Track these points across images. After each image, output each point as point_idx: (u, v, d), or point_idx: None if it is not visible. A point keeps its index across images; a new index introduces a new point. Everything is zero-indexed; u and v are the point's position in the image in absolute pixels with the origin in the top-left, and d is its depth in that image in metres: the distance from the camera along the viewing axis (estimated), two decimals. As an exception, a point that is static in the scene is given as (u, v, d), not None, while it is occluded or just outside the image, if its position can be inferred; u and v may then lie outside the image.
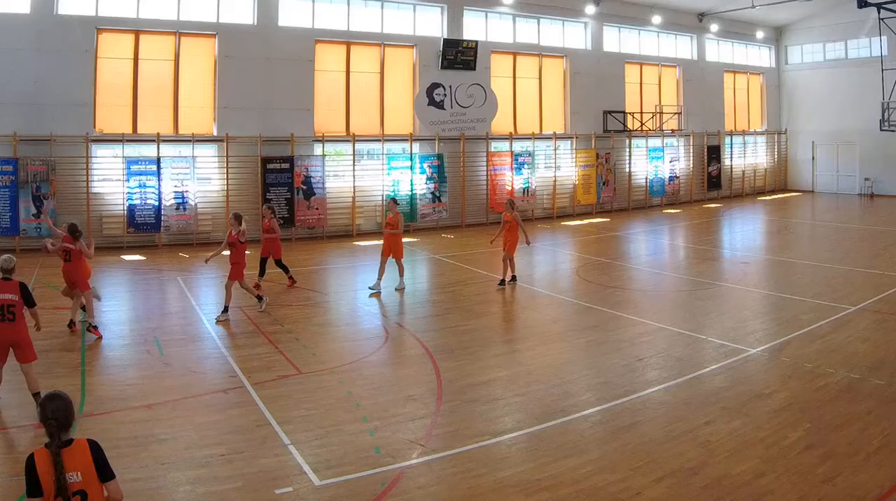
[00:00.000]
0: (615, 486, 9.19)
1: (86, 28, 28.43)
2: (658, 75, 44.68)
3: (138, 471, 9.45)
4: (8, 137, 27.10)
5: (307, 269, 25.41)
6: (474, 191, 36.65)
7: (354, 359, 14.79)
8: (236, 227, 18.11)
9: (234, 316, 18.28)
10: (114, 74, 29.37)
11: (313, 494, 9.09)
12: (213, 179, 30.94)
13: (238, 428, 11.09)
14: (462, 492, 9.16)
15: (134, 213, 29.05)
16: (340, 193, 33.17)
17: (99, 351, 15.24)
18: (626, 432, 10.87)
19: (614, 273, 24.56)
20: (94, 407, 11.78)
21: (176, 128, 30.45)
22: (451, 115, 35.97)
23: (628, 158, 42.64)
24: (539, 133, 39.15)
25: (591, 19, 40.86)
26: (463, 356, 14.88)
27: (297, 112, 32.20)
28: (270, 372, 13.75)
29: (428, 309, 19.67)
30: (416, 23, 35.70)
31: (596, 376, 13.53)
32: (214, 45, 30.96)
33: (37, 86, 27.55)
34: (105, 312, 18.57)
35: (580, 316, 18.37)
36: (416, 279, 24.43)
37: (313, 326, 17.74)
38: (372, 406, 12.06)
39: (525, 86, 39.34)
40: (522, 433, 10.95)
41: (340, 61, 33.98)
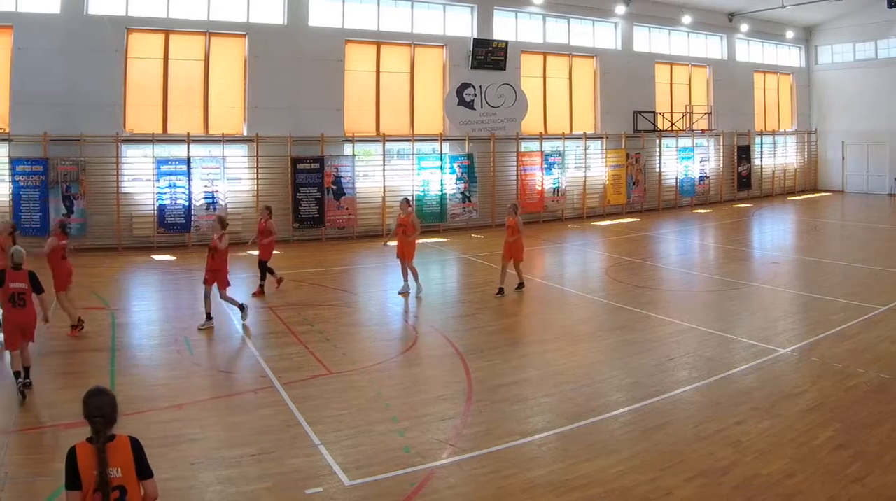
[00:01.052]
0: (645, 486, 9.01)
1: (116, 28, 27.55)
2: (688, 75, 43.22)
3: (168, 471, 9.17)
4: (38, 137, 26.21)
5: (337, 269, 24.78)
6: (504, 191, 35.32)
7: (384, 359, 14.50)
8: (218, 231, 16.83)
9: (264, 316, 17.90)
10: (144, 74, 28.47)
11: (343, 494, 8.91)
12: (244, 179, 30.05)
13: (268, 428, 10.85)
14: (492, 492, 8.99)
15: (164, 213, 28.16)
16: (370, 193, 32.15)
17: (129, 351, 14.91)
18: (657, 432, 10.66)
19: (644, 273, 23.92)
20: (123, 407, 11.02)
21: (206, 128, 29.53)
22: (481, 115, 34.82)
23: (658, 158, 41.21)
24: (569, 133, 37.89)
25: (622, 19, 39.54)
26: (493, 356, 14.54)
27: (327, 112, 31.17)
28: (300, 372, 13.43)
29: (458, 309, 19.18)
30: (445, 23, 34.58)
31: (626, 376, 13.26)
32: (244, 45, 29.99)
33: (67, 87, 26.65)
34: (135, 312, 18.35)
35: (610, 316, 17.95)
36: (446, 279, 24.28)
37: (343, 326, 17.22)
38: (402, 406, 11.86)
39: (555, 87, 38.06)
40: (552, 433, 10.73)
41: (370, 61, 32.90)
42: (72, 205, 26.69)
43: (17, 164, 26.07)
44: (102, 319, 17.31)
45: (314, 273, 23.71)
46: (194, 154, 28.61)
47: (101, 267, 24.08)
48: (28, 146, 26.27)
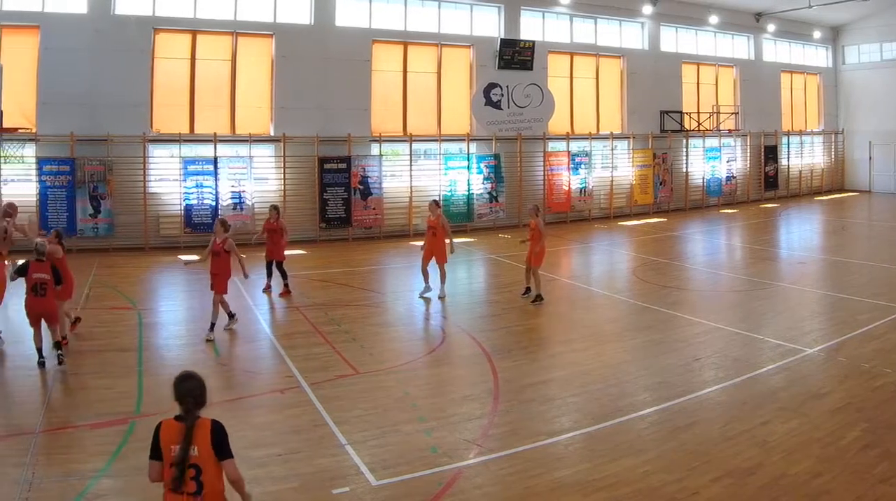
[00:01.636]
0: (672, 486, 8.84)
1: (143, 28, 26.85)
2: (715, 75, 41.99)
3: None
4: (65, 137, 25.57)
5: (364, 269, 24.19)
6: (531, 191, 34.36)
7: (411, 359, 14.21)
8: (221, 235, 15.81)
9: (291, 316, 17.58)
10: (171, 74, 27.77)
11: (370, 494, 8.75)
12: (270, 179, 29.26)
13: (295, 428, 10.67)
14: (519, 492, 8.82)
15: (191, 213, 27.46)
16: (397, 193, 31.31)
17: (155, 352, 14.69)
18: (683, 432, 10.45)
19: (671, 273, 23.32)
20: (150, 408, 11.21)
21: (233, 128, 28.77)
22: (508, 115, 33.85)
23: (685, 158, 40.09)
24: (596, 133, 36.81)
25: (648, 19, 38.41)
26: (520, 356, 14.30)
27: (354, 112, 30.34)
28: (327, 372, 13.16)
29: (485, 309, 18.74)
30: (472, 23, 33.62)
31: (653, 376, 12.99)
32: (271, 45, 29.21)
33: (94, 87, 25.99)
34: (162, 312, 17.94)
35: (637, 316, 17.56)
36: (472, 279, 23.70)
37: (370, 326, 16.86)
38: (429, 406, 11.63)
39: (582, 87, 36.99)
40: (579, 433, 10.53)
41: (397, 61, 32.04)
42: (99, 205, 26.06)
43: (43, 164, 25.46)
44: (129, 319, 16.94)
45: (341, 273, 23.12)
46: (221, 154, 27.90)
47: (128, 267, 23.70)
48: (55, 146, 25.65)
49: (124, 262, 24.32)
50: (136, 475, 8.67)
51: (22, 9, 25.25)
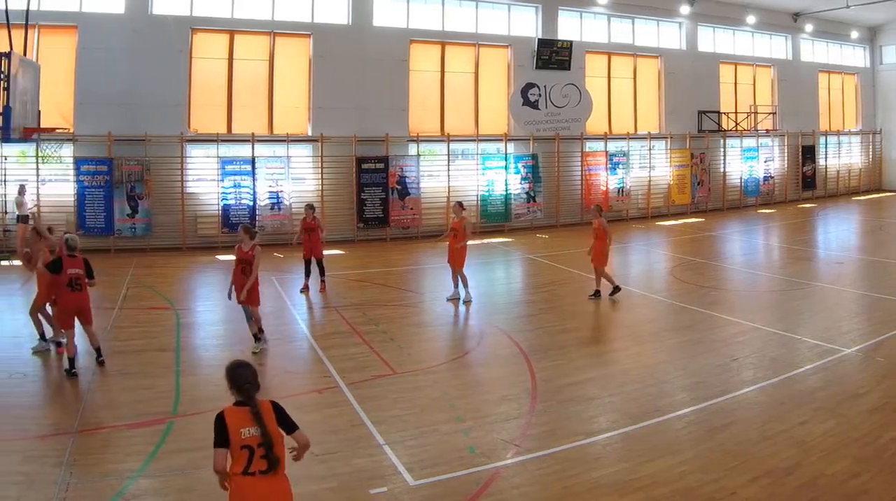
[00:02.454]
0: (710, 486, 8.55)
1: (180, 28, 25.68)
2: (752, 75, 39.97)
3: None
4: (103, 137, 24.44)
5: (402, 269, 23.25)
6: (569, 191, 32.85)
7: (449, 359, 13.75)
8: (247, 243, 13.89)
9: (329, 316, 16.93)
10: (208, 74, 26.59)
11: (408, 494, 8.47)
12: (308, 179, 27.97)
13: (333, 428, 10.28)
14: (556, 492, 8.51)
15: (228, 213, 26.17)
16: (435, 193, 29.87)
17: (193, 352, 14.23)
18: (721, 432, 10.10)
19: (709, 273, 22.32)
20: (188, 408, 10.96)
21: (270, 128, 27.51)
22: (545, 115, 32.26)
23: (723, 158, 38.19)
24: (634, 133, 35.09)
25: (686, 19, 36.50)
26: (557, 356, 13.73)
27: (391, 112, 28.97)
28: (365, 372, 12.71)
29: (522, 309, 17.99)
30: (510, 23, 32.06)
31: (690, 376, 12.49)
32: (309, 45, 27.92)
33: (131, 87, 24.86)
34: (200, 312, 17.38)
35: (675, 316, 16.85)
36: (510, 279, 23.01)
37: (408, 326, 16.24)
38: (466, 406, 11.21)
39: (619, 87, 35.26)
40: (617, 433, 10.16)
41: (435, 61, 30.60)
42: (136, 205, 24.91)
43: (81, 164, 24.39)
44: (167, 319, 16.37)
45: (379, 273, 22.19)
46: (259, 154, 26.67)
47: (166, 267, 22.94)
48: (92, 146, 24.56)
49: (162, 262, 23.47)
50: (174, 475, 8.70)
51: (60, 9, 24.13)
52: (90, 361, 12.84)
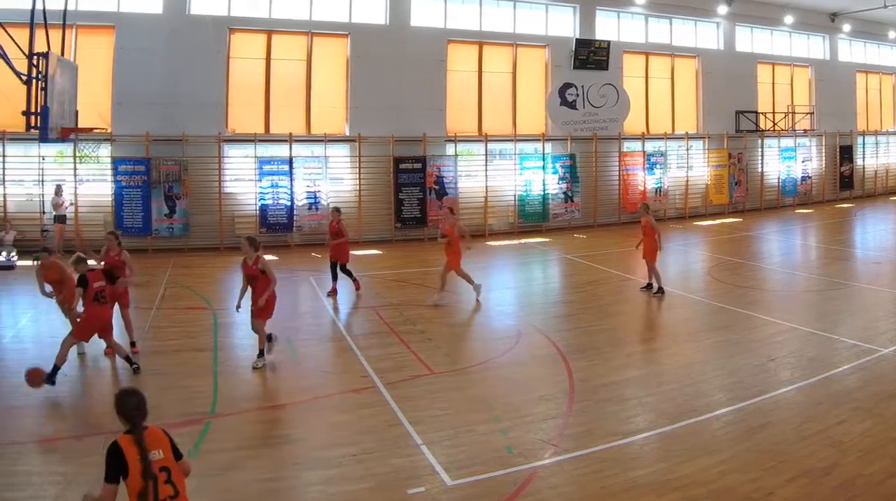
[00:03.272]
0: (747, 486, 8.14)
1: (218, 28, 24.36)
2: (790, 75, 37.64)
3: (270, 471, 8.62)
4: (140, 137, 23.17)
5: (439, 269, 20.99)
6: (607, 191, 31.05)
7: (486, 359, 13.01)
8: (251, 255, 12.41)
9: (366, 316, 16.13)
10: (246, 74, 25.17)
11: (445, 494, 8.12)
12: (346, 179, 26.47)
13: (370, 429, 9.88)
14: (594, 492, 8.16)
15: (266, 213, 24.82)
16: (472, 193, 28.24)
17: (231, 352, 13.58)
18: (758, 432, 9.64)
19: (746, 273, 21.09)
20: (226, 408, 10.56)
21: (308, 128, 26.03)
22: (583, 115, 30.44)
23: (760, 158, 36.00)
24: (671, 133, 33.14)
25: (724, 19, 34.36)
26: (595, 356, 13.10)
27: (429, 112, 27.37)
28: (402, 372, 12.15)
29: (560, 309, 17.18)
30: (548, 23, 30.28)
31: (728, 376, 11.93)
32: (346, 45, 26.37)
33: (169, 87, 23.59)
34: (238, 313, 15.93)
35: (712, 316, 16.00)
36: (548, 279, 22.05)
37: (445, 326, 15.44)
38: (504, 406, 10.69)
39: (657, 87, 33.28)
40: (654, 433, 9.71)
41: (472, 61, 28.89)
42: (174, 205, 23.60)
43: (119, 164, 23.11)
44: (205, 319, 15.71)
45: (416, 273, 21.02)
46: (296, 154, 25.24)
47: (204, 267, 21.97)
48: (130, 146, 23.30)
49: (199, 262, 22.34)
50: (212, 476, 8.28)
51: (97, 9, 22.89)
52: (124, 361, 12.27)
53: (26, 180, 22.84)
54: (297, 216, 25.23)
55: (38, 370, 10.70)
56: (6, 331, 14.39)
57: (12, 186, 22.67)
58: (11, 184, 22.63)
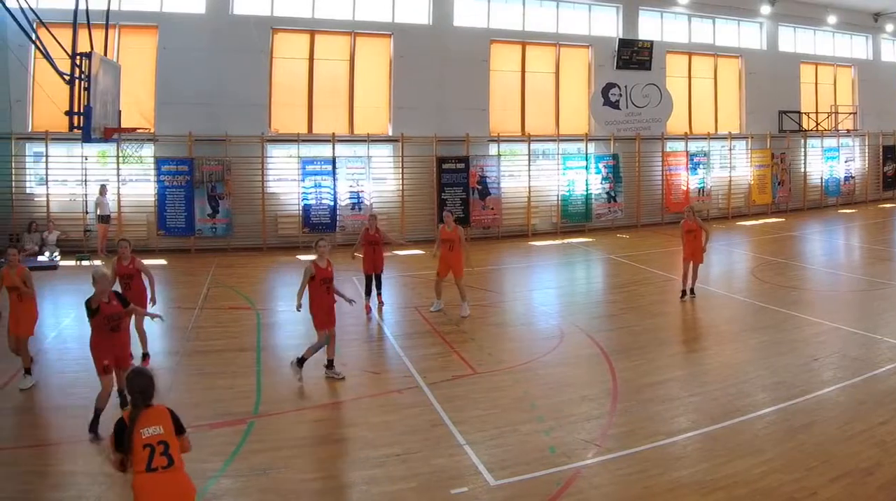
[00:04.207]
0: (790, 486, 7.59)
1: (261, 28, 22.63)
2: (833, 75, 34.92)
3: (313, 471, 8.15)
4: (183, 137, 21.61)
5: (482, 269, 20.03)
6: (650, 191, 28.82)
7: (530, 359, 12.25)
8: (323, 259, 11.21)
9: (409, 316, 15.13)
10: (289, 74, 23.46)
11: (488, 494, 7.62)
12: (389, 179, 24.67)
13: (413, 428, 9.30)
14: (637, 492, 7.59)
15: (309, 213, 23.08)
16: (515, 193, 26.21)
17: (274, 352, 12.74)
18: (802, 432, 9.02)
19: (789, 273, 19.75)
20: (269, 407, 10.03)
21: (351, 128, 24.23)
22: (626, 115, 28.30)
23: (803, 158, 33.41)
24: (714, 133, 30.71)
25: (767, 19, 31.82)
26: (638, 356, 12.33)
27: (472, 112, 25.41)
28: (445, 372, 11.46)
29: (603, 309, 16.24)
30: (591, 23, 28.12)
31: (771, 376, 11.20)
32: (390, 45, 24.56)
33: (212, 87, 21.99)
34: (281, 312, 15.37)
35: (755, 316, 15.02)
36: (591, 279, 20.76)
37: (488, 326, 14.47)
38: (547, 406, 10.07)
39: (700, 87, 30.87)
40: (698, 433, 9.13)
41: (515, 61, 26.84)
42: (217, 205, 21.99)
43: (162, 164, 21.53)
44: (248, 319, 14.85)
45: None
46: (339, 154, 23.47)
47: (247, 267, 20.30)
48: (173, 146, 21.75)
49: (242, 262, 20.85)
50: (255, 475, 7.98)
51: (140, 9, 21.42)
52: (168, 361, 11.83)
53: (69, 180, 21.41)
54: (340, 216, 23.46)
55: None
56: (49, 332, 13.41)
57: (55, 186, 21.24)
58: (54, 185, 21.21)
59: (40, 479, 7.94)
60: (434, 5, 25.18)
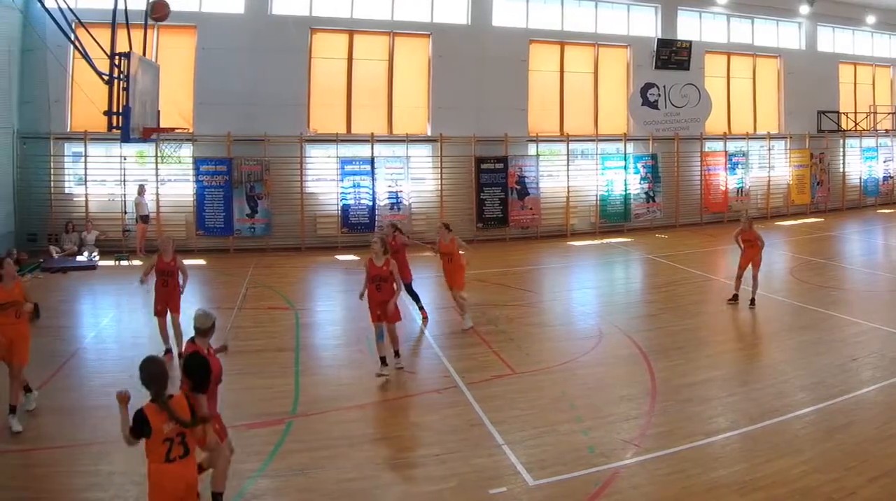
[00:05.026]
0: (829, 486, 7.12)
1: (300, 28, 21.19)
2: (872, 75, 32.49)
3: (352, 471, 7.59)
4: (222, 137, 20.22)
5: (521, 269, 19.49)
6: (688, 191, 26.80)
7: (568, 359, 11.48)
8: (380, 257, 10.67)
9: (448, 316, 13.86)
10: (327, 74, 21.94)
11: (527, 494, 7.17)
12: (427, 179, 23.02)
13: (452, 428, 8.78)
14: (676, 492, 7.12)
15: (348, 213, 21.60)
16: (554, 193, 24.41)
17: (312, 352, 12.17)
18: (840, 432, 8.37)
19: (828, 273, 18.61)
20: (307, 407, 9.38)
21: (390, 128, 22.67)
22: (664, 115, 26.35)
23: (842, 158, 31.13)
24: (753, 133, 28.62)
25: (805, 19, 29.60)
26: (676, 355, 11.56)
27: (510, 112, 23.69)
28: (484, 372, 10.74)
29: (642, 309, 15.36)
30: (629, 23, 26.24)
31: (809, 376, 10.45)
32: (428, 45, 22.94)
33: (250, 87, 20.54)
34: (319, 312, 14.88)
35: (794, 316, 14.17)
36: (630, 279, 19.54)
37: (527, 326, 13.69)
38: (586, 406, 9.45)
39: (739, 87, 28.79)
40: (736, 433, 8.47)
41: (554, 61, 25.03)
42: (256, 205, 20.58)
43: (201, 164, 20.17)
44: (287, 319, 14.05)
45: (498, 273, 18.29)
46: (378, 154, 21.96)
47: (285, 267, 19.08)
48: (212, 146, 20.38)
49: (281, 262, 19.62)
50: (294, 475, 7.51)
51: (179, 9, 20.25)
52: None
53: (108, 180, 20.13)
54: (378, 216, 21.89)
55: None
56: (87, 332, 12.88)
57: (94, 186, 19.98)
58: (93, 185, 19.94)
59: (78, 479, 7.45)
60: (472, 5, 23.49)
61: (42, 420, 8.98)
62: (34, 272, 17.53)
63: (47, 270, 17.92)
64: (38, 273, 17.61)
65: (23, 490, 7.27)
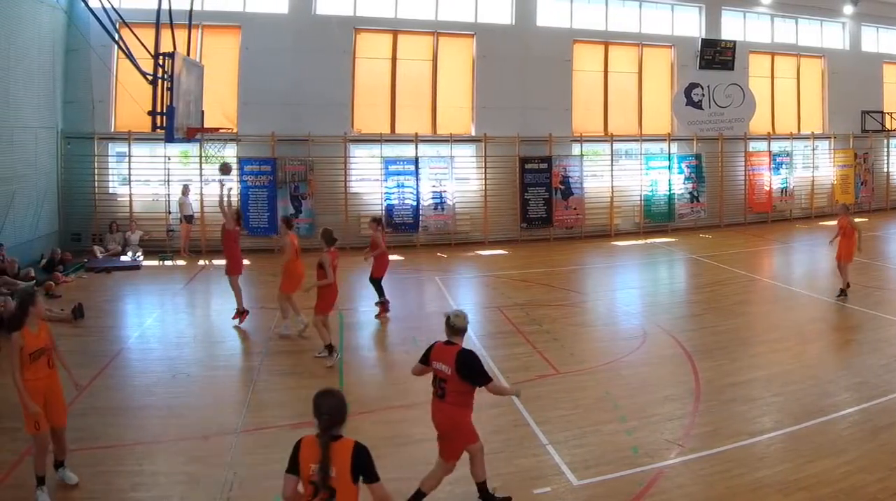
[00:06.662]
0: (873, 486, 6.35)
1: (344, 28, 18.77)
2: None
3: (396, 471, 6.35)
4: (266, 137, 17.93)
5: (565, 269, 17.62)
6: (732, 191, 23.69)
7: (612, 359, 10.21)
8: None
9: (492, 315, 12.69)
10: (371, 74, 19.45)
11: (571, 494, 6.47)
12: (471, 179, 20.42)
13: (496, 428, 7.64)
14: (720, 492, 6.38)
15: (392, 213, 19.13)
16: (598, 193, 21.63)
17: (357, 352, 10.87)
18: (885, 432, 7.44)
19: (872, 273, 16.60)
20: (352, 407, 6.88)
21: (434, 128, 20.09)
22: (708, 115, 23.36)
23: (886, 158, 27.54)
24: (797, 133, 25.36)
25: (849, 19, 26.16)
26: (720, 356, 10.22)
27: (554, 112, 20.96)
28: (528, 372, 9.59)
29: (686, 310, 13.69)
30: (674, 23, 23.26)
31: (854, 376, 9.14)
32: (472, 45, 20.30)
33: (294, 87, 18.18)
34: (364, 312, 13.19)
35: (838, 316, 12.69)
36: (674, 279, 17.61)
37: (571, 326, 12.34)
38: (630, 406, 8.33)
39: (783, 87, 25.50)
40: (780, 433, 7.55)
41: (598, 61, 22.17)
42: (300, 204, 18.33)
43: (245, 164, 17.86)
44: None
45: (542, 273, 16.59)
46: (422, 154, 19.46)
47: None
48: (256, 146, 18.04)
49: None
50: None
51: (223, 9, 18.11)
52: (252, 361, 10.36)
53: (152, 180, 18.03)
54: (422, 216, 19.45)
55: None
56: (131, 332, 11.83)
57: (138, 186, 17.83)
58: (137, 184, 17.79)
59: (123, 479, 6.75)
60: (517, 5, 20.74)
61: (86, 421, 7.99)
62: (78, 272, 15.76)
63: (91, 270, 16.01)
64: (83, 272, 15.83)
65: (68, 489, 6.46)
